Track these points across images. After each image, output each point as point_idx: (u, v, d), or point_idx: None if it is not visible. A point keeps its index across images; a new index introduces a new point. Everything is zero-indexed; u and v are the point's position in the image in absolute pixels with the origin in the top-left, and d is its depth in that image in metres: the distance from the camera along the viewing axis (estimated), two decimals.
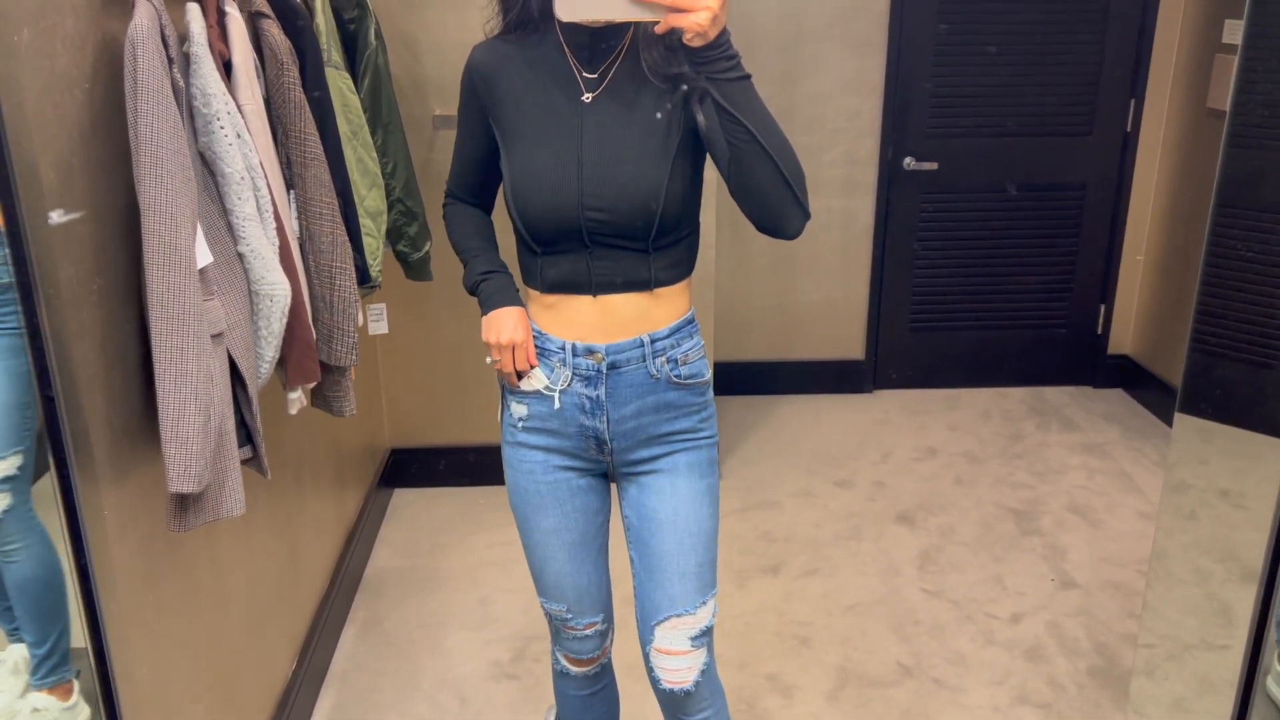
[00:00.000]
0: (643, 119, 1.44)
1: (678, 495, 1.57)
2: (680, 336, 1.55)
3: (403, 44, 2.91)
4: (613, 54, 1.45)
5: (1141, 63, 3.75)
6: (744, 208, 1.40)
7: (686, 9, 1.21)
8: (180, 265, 1.35)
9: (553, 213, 1.44)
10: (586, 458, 1.60)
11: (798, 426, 3.87)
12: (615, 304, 1.50)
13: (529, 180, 1.45)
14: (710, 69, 1.29)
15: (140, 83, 1.31)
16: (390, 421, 3.34)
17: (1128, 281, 4.03)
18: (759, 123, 1.32)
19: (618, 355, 1.52)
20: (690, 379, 1.57)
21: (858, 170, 3.84)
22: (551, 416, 1.57)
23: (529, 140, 1.46)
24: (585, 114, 1.45)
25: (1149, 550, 3.00)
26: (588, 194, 1.43)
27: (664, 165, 1.43)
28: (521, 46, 1.49)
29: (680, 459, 1.58)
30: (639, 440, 1.57)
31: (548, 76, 1.46)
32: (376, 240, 2.23)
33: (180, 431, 1.36)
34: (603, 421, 1.55)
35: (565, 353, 1.53)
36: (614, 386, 1.53)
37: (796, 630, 2.66)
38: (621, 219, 1.43)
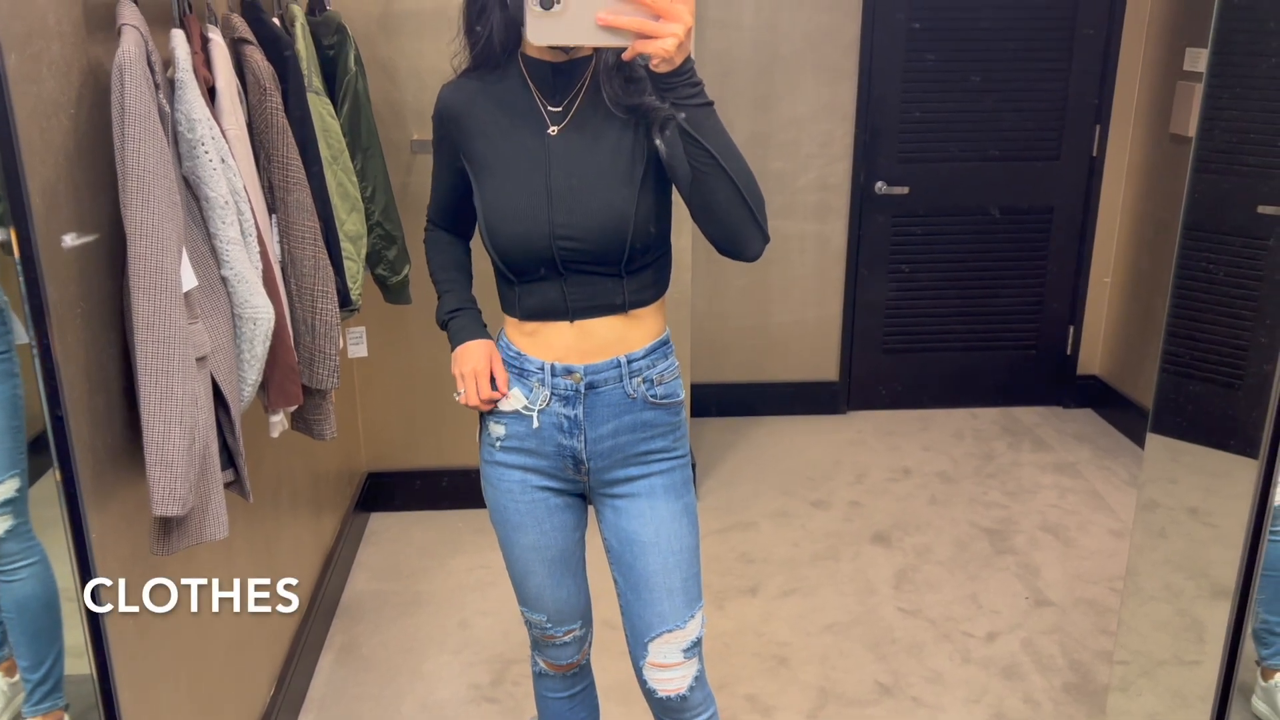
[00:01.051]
0: (608, 148, 1.48)
1: (657, 517, 1.60)
2: (656, 357, 1.59)
3: (381, 70, 2.93)
4: (575, 87, 1.50)
5: (1106, 89, 3.83)
6: (705, 230, 1.44)
7: (653, 35, 1.25)
8: (166, 289, 1.35)
9: (525, 243, 1.48)
10: (564, 477, 1.63)
11: (774, 447, 3.90)
12: (592, 327, 1.54)
13: (501, 213, 1.49)
14: (675, 95, 1.33)
15: (128, 108, 1.32)
16: (367, 445, 3.33)
17: (1096, 303, 4.10)
18: (721, 147, 1.36)
19: (595, 375, 1.55)
20: (666, 399, 1.60)
21: (831, 194, 3.89)
22: (530, 436, 1.59)
23: (499, 174, 1.50)
24: (552, 146, 1.49)
25: (1120, 567, 3.04)
26: (558, 224, 1.47)
27: (631, 191, 1.47)
28: (486, 83, 1.53)
29: (657, 481, 1.61)
30: (615, 460, 1.59)
31: (514, 111, 1.51)
32: (356, 264, 2.24)
33: (165, 455, 1.36)
34: (580, 441, 1.58)
35: (544, 373, 1.56)
36: (591, 406, 1.56)
37: (775, 650, 2.67)
38: (593, 246, 1.47)
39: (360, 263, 2.26)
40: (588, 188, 1.47)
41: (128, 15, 1.40)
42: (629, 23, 1.24)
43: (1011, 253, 4.03)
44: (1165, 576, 2.46)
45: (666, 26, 1.24)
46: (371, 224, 2.46)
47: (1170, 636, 2.50)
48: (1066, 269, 4.07)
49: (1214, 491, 2.70)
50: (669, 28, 1.24)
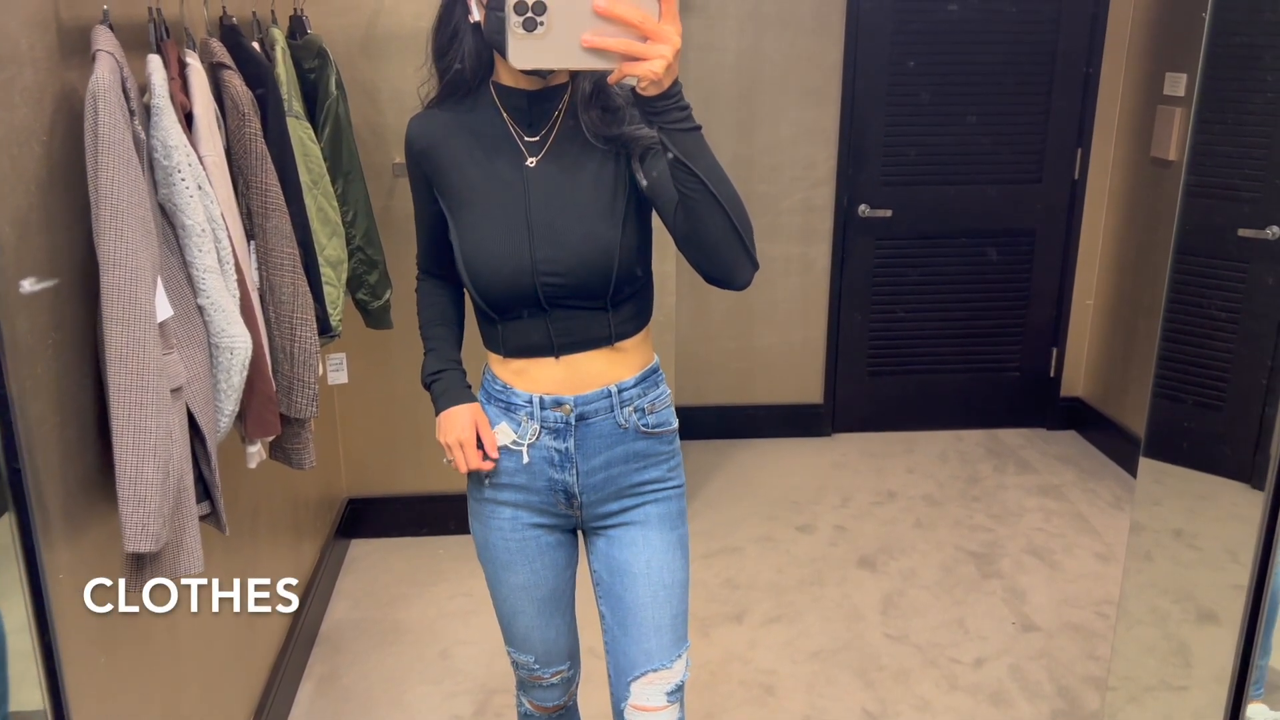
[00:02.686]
0: (589, 178, 1.44)
1: (650, 547, 1.56)
2: (646, 386, 1.55)
3: (363, 93, 2.91)
4: (552, 115, 1.45)
5: (1087, 113, 3.86)
6: (693, 259, 1.39)
7: (641, 57, 1.19)
8: (140, 320, 1.32)
9: (507, 280, 1.44)
10: (555, 513, 1.58)
11: (758, 471, 3.88)
12: (579, 362, 1.50)
13: (479, 250, 1.44)
14: (663, 119, 1.27)
15: (101, 136, 1.29)
16: (348, 471, 3.29)
17: (1078, 325, 4.11)
18: (711, 173, 1.31)
19: (586, 406, 1.51)
20: (658, 428, 1.57)
21: (814, 217, 3.89)
22: (520, 471, 1.55)
23: (476, 209, 1.45)
24: (530, 178, 1.44)
25: (1106, 591, 3.04)
26: (540, 259, 1.42)
27: (615, 222, 1.43)
28: (458, 113, 1.48)
29: (651, 510, 1.57)
30: (608, 493, 1.55)
31: (489, 142, 1.46)
32: (337, 289, 2.21)
33: (138, 489, 1.33)
34: (572, 474, 1.54)
35: (532, 406, 1.52)
36: (583, 438, 1.52)
37: (761, 679, 2.64)
38: (578, 280, 1.43)
39: (341, 288, 2.24)
40: (570, 221, 1.42)
41: (103, 41, 1.38)
42: (615, 44, 1.19)
43: (994, 275, 4.04)
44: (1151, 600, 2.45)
45: (654, 48, 1.19)
46: (352, 249, 2.44)
47: (1157, 661, 2.49)
48: (1049, 291, 4.07)
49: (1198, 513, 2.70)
50: (657, 49, 1.19)
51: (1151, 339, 3.67)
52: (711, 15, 3.69)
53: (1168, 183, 3.57)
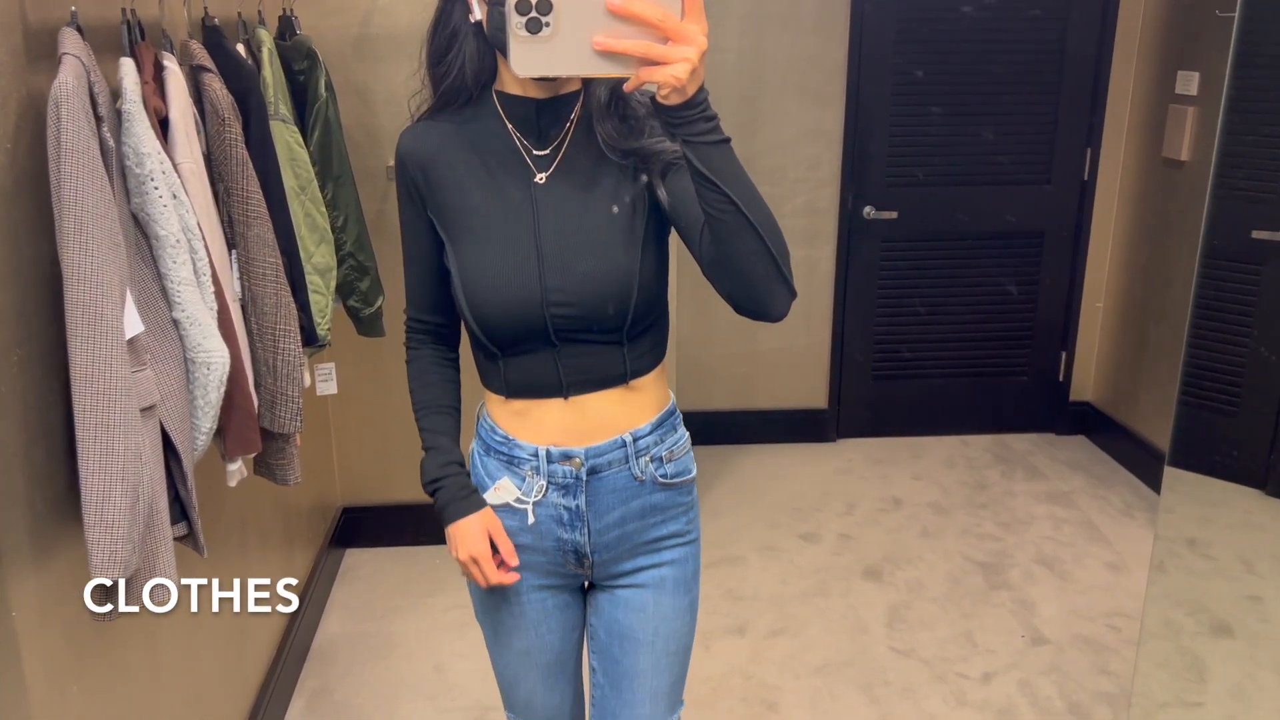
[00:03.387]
0: (605, 197, 1.29)
1: (660, 614, 1.44)
2: (663, 431, 1.41)
3: (356, 95, 2.85)
4: (562, 126, 1.31)
5: (1097, 112, 3.78)
6: (721, 287, 1.23)
7: (661, 61, 1.03)
8: (106, 336, 1.26)
9: (513, 312, 1.28)
10: (564, 573, 1.45)
11: (761, 477, 3.81)
12: (590, 404, 1.35)
13: (483, 278, 1.29)
14: (687, 130, 1.11)
15: (64, 144, 1.23)
16: (342, 479, 3.23)
17: (1088, 328, 4.03)
18: (741, 191, 1.14)
19: (598, 459, 1.36)
20: (677, 478, 1.43)
21: (818, 219, 3.82)
22: (524, 531, 1.41)
23: (478, 232, 1.30)
24: (539, 197, 1.29)
25: (1117, 603, 2.96)
26: (551, 288, 1.28)
27: (634, 248, 1.28)
28: (457, 124, 1.32)
29: (667, 573, 1.44)
30: (622, 551, 1.42)
31: (492, 157, 1.30)
32: (325, 298, 2.15)
33: (105, 514, 1.27)
34: (583, 534, 1.39)
35: (538, 459, 1.37)
36: (594, 494, 1.38)
37: (764, 695, 2.58)
38: (592, 312, 1.29)
39: (329, 296, 2.17)
40: (584, 245, 1.27)
41: (69, 44, 1.32)
42: (632, 46, 1.02)
43: (1002, 278, 3.96)
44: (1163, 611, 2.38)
45: (677, 50, 1.03)
46: (343, 255, 2.38)
47: (1170, 676, 2.42)
48: (1058, 294, 4.00)
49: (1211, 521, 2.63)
50: (680, 51, 1.03)
51: (1163, 342, 3.61)
52: (713, 15, 3.61)
53: (1180, 183, 3.50)
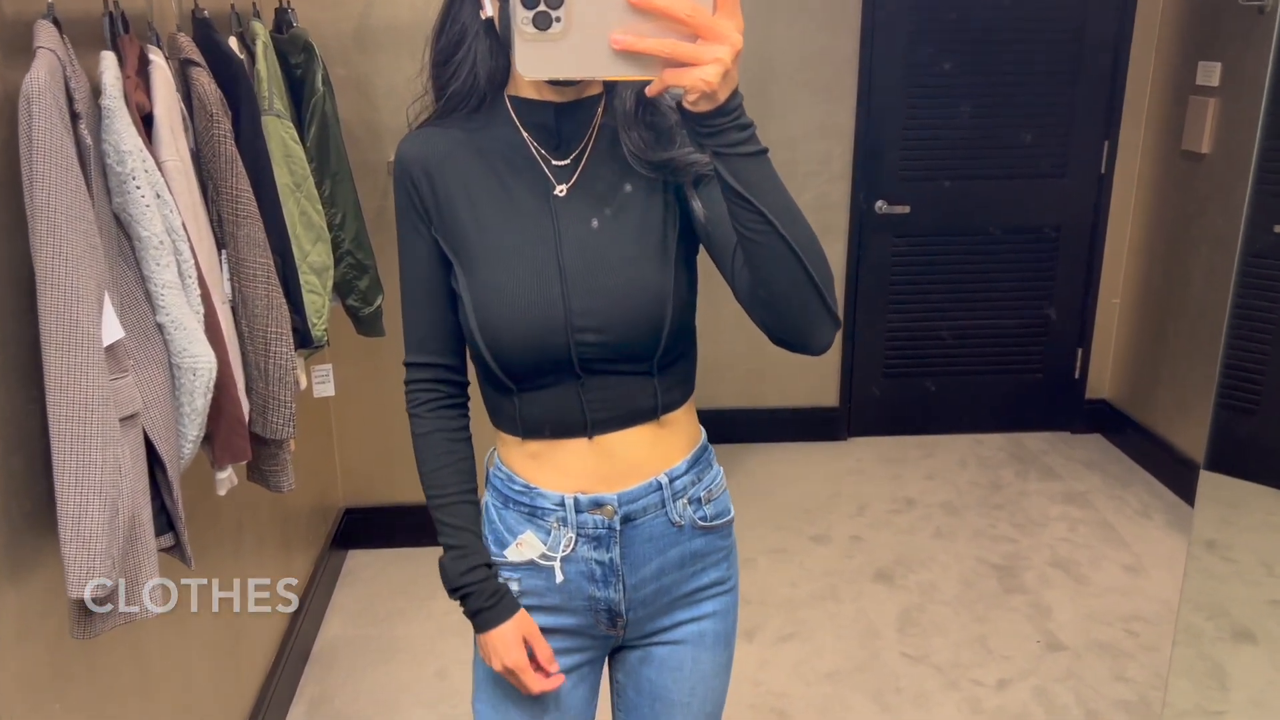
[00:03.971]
0: (635, 211, 1.16)
1: (699, 673, 1.31)
2: (700, 469, 1.27)
3: (356, 88, 2.79)
4: (584, 134, 1.17)
5: (1115, 104, 3.70)
6: (756, 316, 1.09)
7: (690, 62, 0.90)
8: (82, 344, 1.21)
9: (533, 340, 1.14)
10: (592, 635, 1.29)
11: (771, 477, 3.75)
12: (618, 444, 1.21)
13: (498, 302, 1.14)
14: (719, 141, 0.97)
15: (36, 142, 1.17)
16: (344, 479, 3.18)
17: (1104, 325, 3.95)
18: (779, 209, 1.01)
19: (631, 505, 1.22)
20: (717, 519, 1.29)
21: (829, 214, 3.75)
22: (551, 591, 1.25)
23: (492, 252, 1.15)
24: (560, 211, 1.15)
25: (1136, 607, 2.89)
26: (576, 311, 1.13)
27: (667, 266, 1.15)
28: (466, 130, 1.17)
29: (708, 627, 1.30)
30: (659, 606, 1.28)
31: (505, 168, 1.16)
32: (322, 298, 2.09)
33: (82, 529, 1.22)
34: (617, 590, 1.24)
35: (566, 509, 1.22)
36: (629, 544, 1.23)
37: (773, 702, 2.52)
38: (622, 339, 1.15)
39: (326, 296, 2.12)
40: (613, 264, 1.14)
41: (44, 38, 1.26)
42: (655, 46, 0.88)
43: (1017, 273, 3.89)
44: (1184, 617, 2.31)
45: (707, 49, 0.89)
46: (341, 253, 2.32)
47: (1191, 683, 2.35)
48: (1074, 290, 3.92)
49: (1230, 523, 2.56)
50: (711, 51, 0.89)
51: (1181, 339, 3.53)
52: None
53: (1200, 177, 3.41)
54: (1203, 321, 3.41)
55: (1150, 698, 2.50)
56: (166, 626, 1.82)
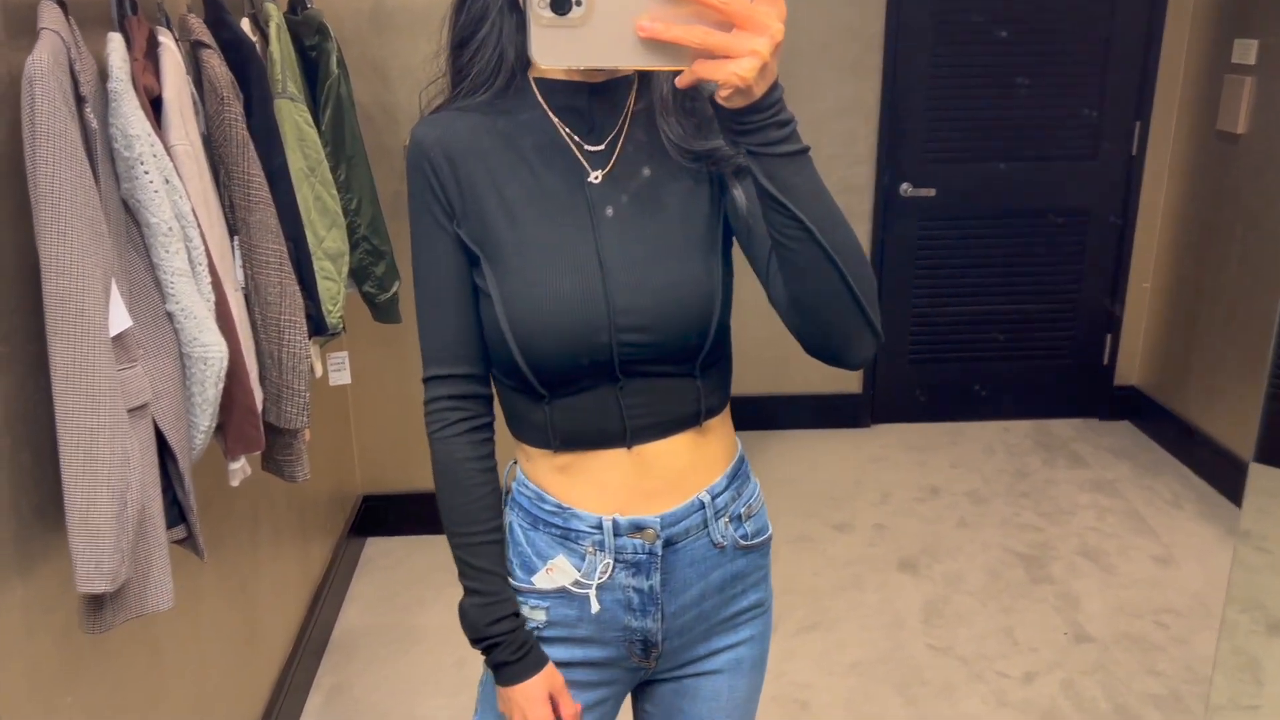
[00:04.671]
0: (677, 199, 1.07)
1: (734, 701, 1.23)
2: (739, 483, 1.18)
3: (372, 70, 2.75)
4: (619, 115, 1.08)
5: (1147, 83, 3.61)
6: (790, 323, 1.01)
7: (723, 53, 0.81)
8: (88, 334, 1.18)
9: (572, 341, 1.04)
10: (624, 666, 1.19)
11: (793, 464, 3.70)
12: (658, 454, 1.11)
13: (533, 299, 1.04)
14: (754, 139, 0.88)
15: (38, 126, 1.14)
16: (362, 466, 3.16)
17: (1134, 310, 3.87)
18: (818, 214, 0.91)
19: (674, 527, 1.12)
20: (758, 537, 1.21)
21: (853, 198, 3.68)
22: (583, 622, 1.15)
23: (527, 245, 1.05)
24: (596, 200, 1.06)
25: (1166, 599, 2.84)
26: (620, 309, 1.04)
27: (713, 258, 1.07)
28: (487, 115, 1.07)
29: (744, 654, 1.22)
30: (697, 634, 1.19)
31: (534, 153, 1.07)
32: (337, 284, 2.06)
33: (90, 523, 1.19)
34: (655, 619, 1.15)
35: (603, 533, 1.12)
36: (670, 569, 1.14)
37: (796, 693, 2.48)
38: (668, 338, 1.06)
39: (341, 283, 2.08)
40: (657, 256, 1.05)
41: (48, 19, 1.23)
42: (685, 35, 0.80)
43: (1045, 257, 3.81)
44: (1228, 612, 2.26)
45: (743, 40, 0.81)
46: (356, 239, 2.29)
47: (1224, 677, 2.30)
48: (1103, 274, 3.84)
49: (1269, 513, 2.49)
50: (747, 42, 0.81)
51: (1215, 324, 3.45)
52: None
53: (1235, 158, 3.32)
54: (1237, 306, 3.33)
55: (1182, 692, 2.45)
56: (180, 617, 1.80)
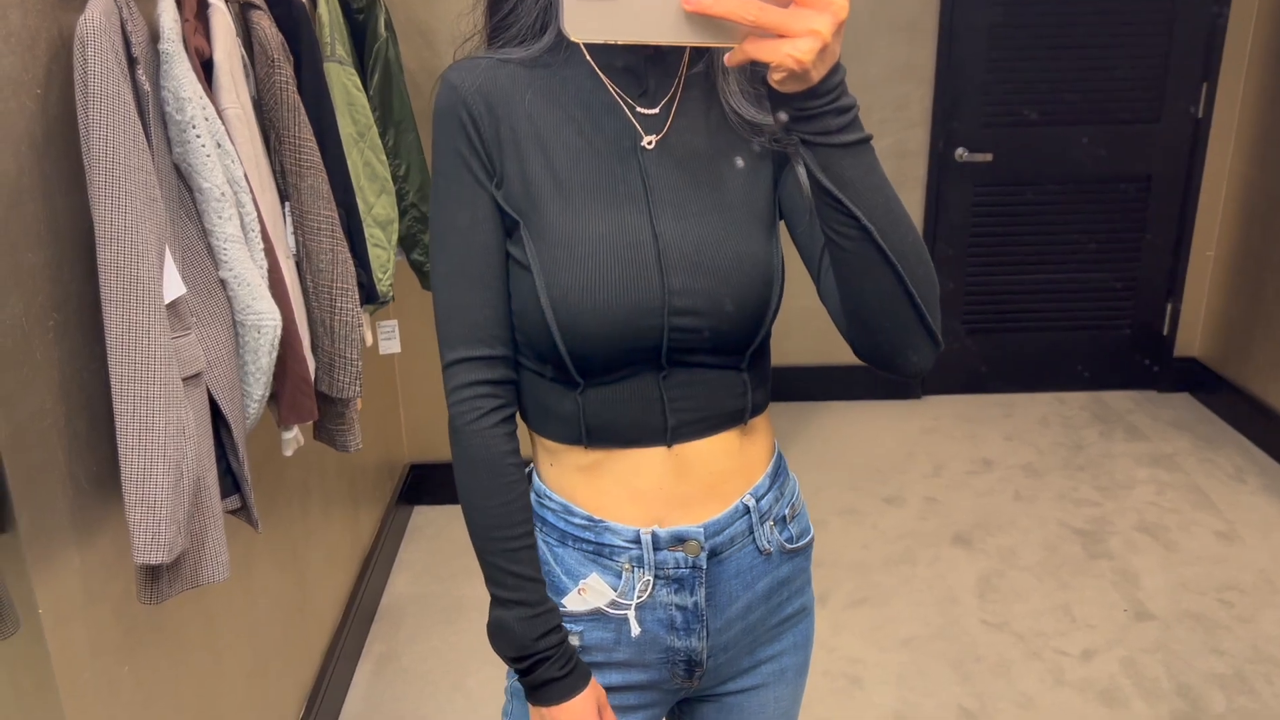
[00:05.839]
0: (734, 172, 0.97)
1: (780, 709, 1.15)
2: (781, 482, 1.09)
3: (419, 34, 2.71)
4: (674, 76, 0.98)
5: (1215, 43, 3.47)
6: (841, 325, 0.94)
7: (778, 32, 0.72)
8: (143, 301, 1.15)
9: (620, 323, 0.93)
10: (665, 689, 1.10)
11: (842, 436, 3.65)
12: (699, 454, 1.01)
13: (581, 278, 0.92)
14: (810, 127, 0.80)
15: (91, 88, 1.11)
16: (409, 435, 3.16)
17: (1196, 279, 3.76)
18: (877, 212, 0.83)
19: (718, 537, 1.03)
20: (802, 538, 1.12)
21: (907, 163, 3.59)
22: (622, 645, 1.05)
23: (576, 214, 0.94)
24: (650, 167, 0.95)
25: (1230, 576, 2.76)
26: (675, 290, 0.93)
27: (773, 240, 0.98)
28: (531, 68, 0.96)
29: (788, 663, 1.13)
30: (742, 648, 1.10)
31: (582, 113, 0.96)
32: (387, 252, 2.03)
33: (147, 494, 1.17)
34: (700, 638, 1.05)
35: (641, 547, 1.01)
36: (715, 582, 1.04)
37: (846, 669, 2.45)
38: (723, 323, 0.96)
39: (391, 250, 2.06)
40: (716, 234, 0.95)
41: None
42: (736, 9, 0.71)
43: (1104, 224, 3.70)
44: None
45: (802, 17, 0.72)
46: (405, 206, 2.26)
47: None
48: (1165, 242, 3.72)
49: None
50: (806, 20, 0.72)
51: None
52: None
53: None
54: None
55: (1246, 672, 2.38)
56: (234, 586, 1.79)
